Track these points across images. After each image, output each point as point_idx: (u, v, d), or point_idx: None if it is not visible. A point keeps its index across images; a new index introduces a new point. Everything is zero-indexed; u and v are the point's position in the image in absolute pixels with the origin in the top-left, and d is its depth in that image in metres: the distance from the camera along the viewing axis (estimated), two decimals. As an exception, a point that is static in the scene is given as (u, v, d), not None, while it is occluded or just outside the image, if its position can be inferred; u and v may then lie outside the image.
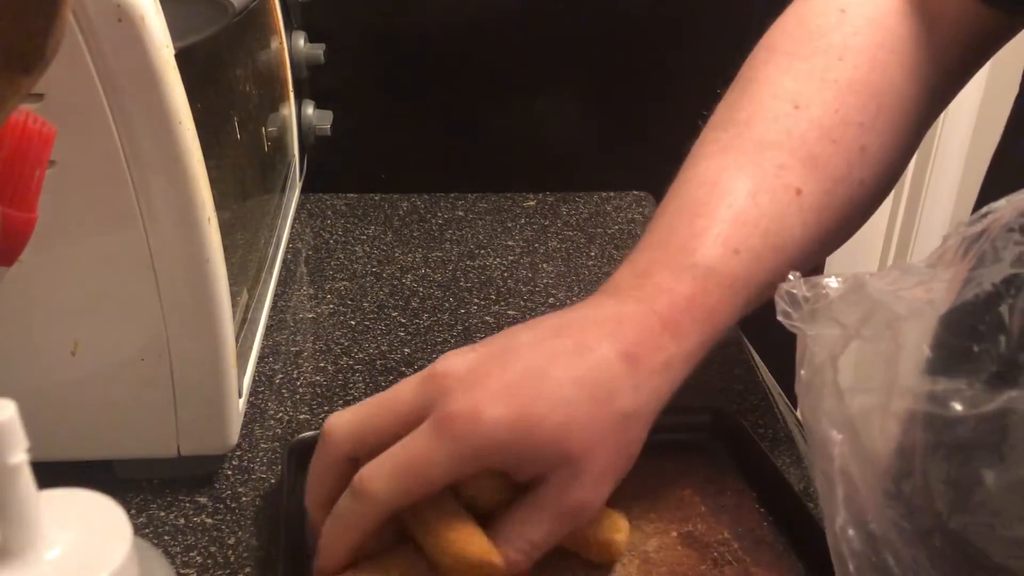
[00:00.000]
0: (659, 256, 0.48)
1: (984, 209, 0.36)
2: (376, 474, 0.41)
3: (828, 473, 0.37)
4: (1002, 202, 0.36)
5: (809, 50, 0.53)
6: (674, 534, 0.49)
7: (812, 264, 0.53)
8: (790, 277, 0.40)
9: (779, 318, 0.39)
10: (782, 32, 0.56)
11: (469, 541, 0.41)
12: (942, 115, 0.61)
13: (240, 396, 0.54)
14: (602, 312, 0.46)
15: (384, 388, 0.63)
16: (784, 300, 0.39)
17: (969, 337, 0.35)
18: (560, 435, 0.41)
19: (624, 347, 0.43)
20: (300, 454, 0.53)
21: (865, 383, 0.37)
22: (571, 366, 0.43)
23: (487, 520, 0.43)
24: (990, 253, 0.35)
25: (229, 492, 0.54)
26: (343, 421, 0.44)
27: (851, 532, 0.37)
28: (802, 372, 0.38)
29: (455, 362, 0.43)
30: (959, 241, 0.36)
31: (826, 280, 0.39)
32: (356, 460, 0.43)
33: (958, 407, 0.33)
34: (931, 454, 0.36)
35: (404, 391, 0.43)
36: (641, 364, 0.43)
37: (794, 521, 0.50)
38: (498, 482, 0.43)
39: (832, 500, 0.37)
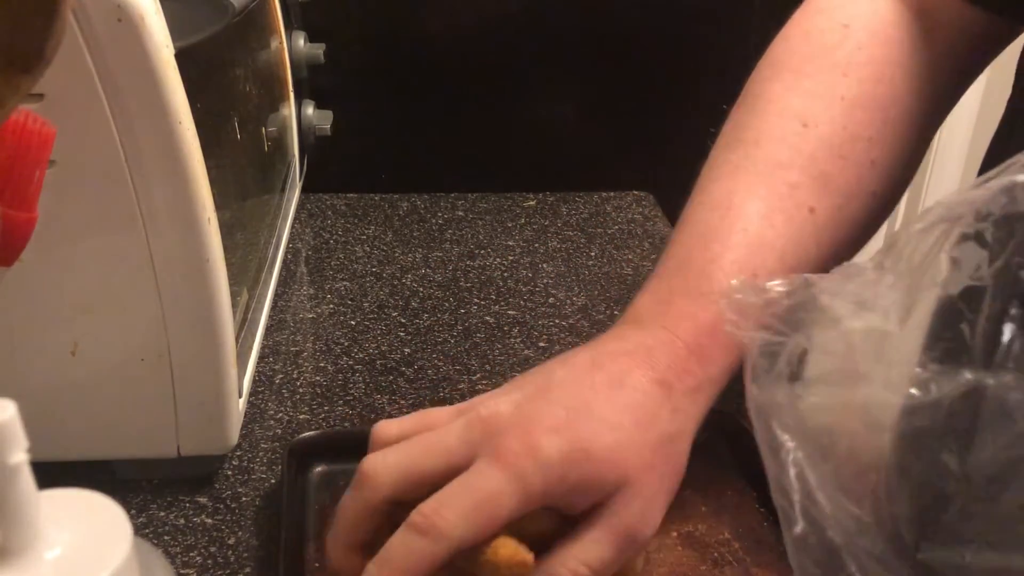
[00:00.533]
0: (677, 284, 0.48)
1: (933, 205, 0.36)
2: (447, 512, 0.40)
3: (782, 482, 0.37)
4: (950, 197, 0.35)
5: (814, 67, 0.53)
6: (674, 534, 0.49)
7: (830, 267, 0.53)
8: (733, 282, 0.40)
9: (726, 328, 0.39)
10: (787, 48, 0.56)
11: (501, 543, 0.41)
12: (943, 117, 0.61)
13: (240, 396, 0.54)
14: (630, 343, 0.46)
15: (384, 388, 0.64)
16: (731, 307, 0.39)
17: (931, 351, 0.35)
18: (616, 459, 0.42)
19: (657, 375, 0.44)
20: (300, 454, 0.53)
21: (819, 389, 0.37)
22: (612, 397, 0.43)
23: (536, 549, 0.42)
24: (944, 260, 0.35)
25: (229, 492, 0.54)
26: (387, 463, 0.42)
27: (812, 541, 0.36)
28: (751, 382, 0.38)
29: (498, 404, 0.43)
30: (907, 241, 0.36)
31: (771, 284, 0.38)
32: (393, 503, 0.42)
33: (931, 388, 0.33)
34: (897, 471, 0.35)
35: (450, 435, 0.43)
36: (674, 389, 0.44)
37: None
38: (544, 511, 0.42)
39: (789, 509, 0.37)
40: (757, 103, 0.54)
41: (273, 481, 0.55)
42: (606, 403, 0.43)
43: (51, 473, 0.31)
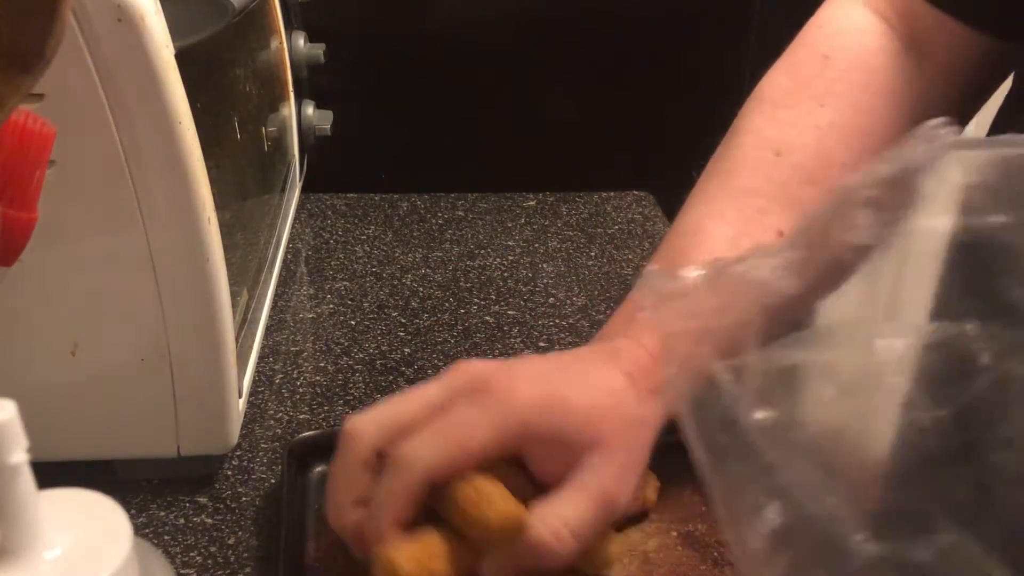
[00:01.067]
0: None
1: (839, 184, 0.36)
2: (416, 443, 0.41)
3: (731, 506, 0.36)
4: (858, 175, 0.36)
5: (793, 99, 0.55)
6: (674, 534, 0.49)
7: (804, 309, 0.52)
8: (649, 269, 0.40)
9: (644, 314, 0.39)
10: (770, 83, 0.57)
11: (490, 503, 0.40)
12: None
13: (240, 396, 0.54)
14: (597, 348, 0.49)
15: (384, 388, 0.64)
16: (647, 295, 0.39)
17: None
18: (592, 417, 0.43)
19: (623, 369, 0.46)
20: (300, 454, 0.53)
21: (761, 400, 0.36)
22: (586, 375, 0.45)
23: None
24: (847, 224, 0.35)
25: (229, 492, 0.54)
26: (367, 418, 0.44)
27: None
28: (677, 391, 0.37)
29: (475, 361, 0.44)
30: (816, 217, 0.36)
31: (685, 271, 0.38)
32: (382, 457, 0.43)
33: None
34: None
35: (431, 386, 0.44)
36: (639, 384, 0.46)
37: None
38: (523, 480, 0.43)
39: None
40: (736, 136, 0.55)
41: (273, 481, 0.55)
42: (582, 374, 0.45)
43: (51, 473, 0.31)
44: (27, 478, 0.28)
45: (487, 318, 0.73)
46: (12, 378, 0.49)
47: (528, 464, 0.43)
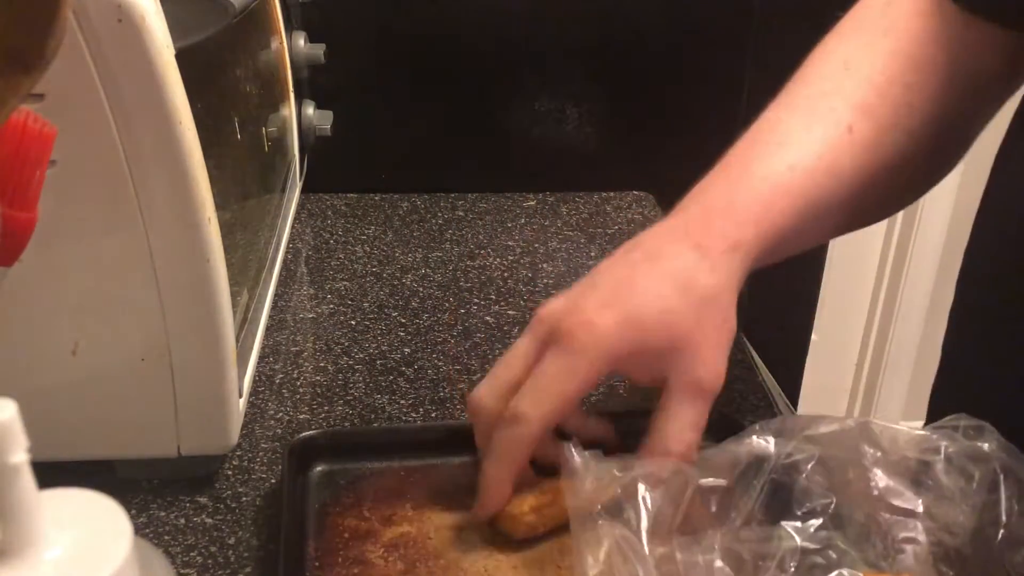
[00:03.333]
0: (716, 178, 0.53)
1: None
2: (525, 401, 0.46)
3: None
4: None
5: (859, 29, 0.58)
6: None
7: (865, 208, 0.57)
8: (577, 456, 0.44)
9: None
10: (838, 25, 0.60)
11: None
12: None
13: (240, 396, 0.54)
14: (667, 224, 0.52)
15: (384, 388, 0.64)
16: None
17: None
18: (665, 324, 0.47)
19: (692, 241, 0.49)
20: (301, 453, 0.53)
21: None
22: (652, 269, 0.49)
23: None
24: None
25: (229, 492, 0.54)
26: (481, 393, 0.49)
27: None
28: None
29: (552, 303, 0.49)
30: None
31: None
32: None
33: None
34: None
35: (519, 344, 0.49)
36: (711, 249, 0.49)
37: None
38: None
39: None
40: (810, 57, 0.58)
41: (273, 481, 0.55)
42: (647, 275, 0.48)
43: (51, 473, 0.31)
44: (27, 478, 0.28)
45: (487, 318, 0.73)
46: (12, 378, 0.49)
47: (629, 377, 0.51)
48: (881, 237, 1.59)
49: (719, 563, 0.40)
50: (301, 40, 0.85)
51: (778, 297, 1.21)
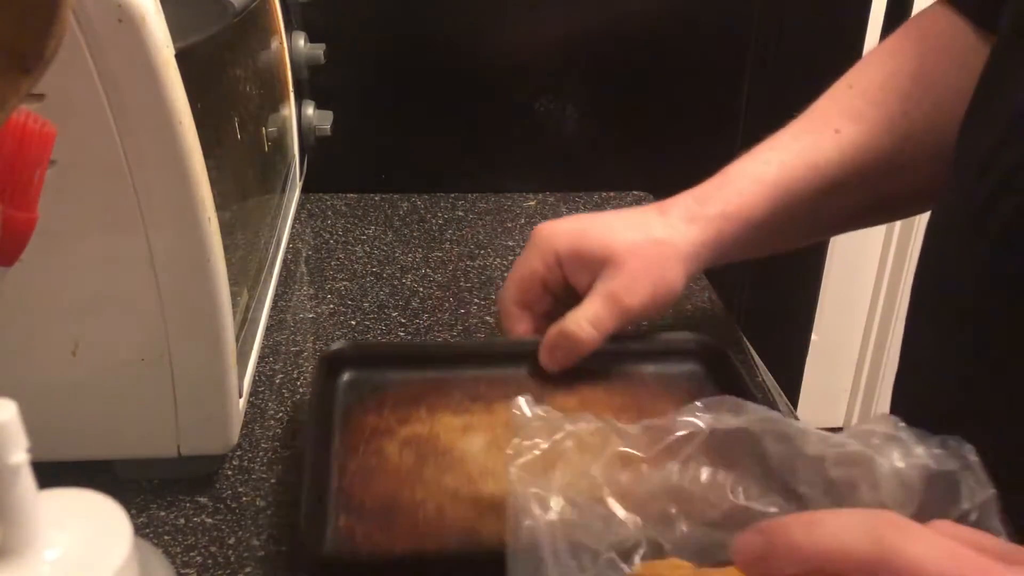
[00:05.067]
0: (709, 179, 0.61)
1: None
2: (504, 286, 0.62)
3: None
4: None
5: (872, 54, 0.65)
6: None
7: (866, 207, 0.62)
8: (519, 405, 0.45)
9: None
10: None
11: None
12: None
13: (240, 396, 0.54)
14: (652, 204, 0.62)
15: (384, 388, 0.64)
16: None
17: None
18: (605, 239, 0.57)
19: (658, 210, 0.59)
20: (331, 362, 0.58)
21: None
22: (611, 218, 0.60)
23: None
24: None
25: (229, 492, 0.54)
26: (507, 293, 0.61)
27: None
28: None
29: (549, 222, 0.61)
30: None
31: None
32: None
33: None
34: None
35: (525, 249, 0.61)
36: (670, 216, 0.58)
37: None
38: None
39: None
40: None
41: (273, 481, 0.55)
42: (610, 217, 0.60)
43: (51, 473, 0.31)
44: (27, 478, 0.28)
45: (487, 318, 0.73)
46: (12, 378, 0.49)
47: (569, 279, 0.59)
48: (881, 237, 1.59)
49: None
50: (301, 40, 0.85)
51: (778, 297, 1.21)
